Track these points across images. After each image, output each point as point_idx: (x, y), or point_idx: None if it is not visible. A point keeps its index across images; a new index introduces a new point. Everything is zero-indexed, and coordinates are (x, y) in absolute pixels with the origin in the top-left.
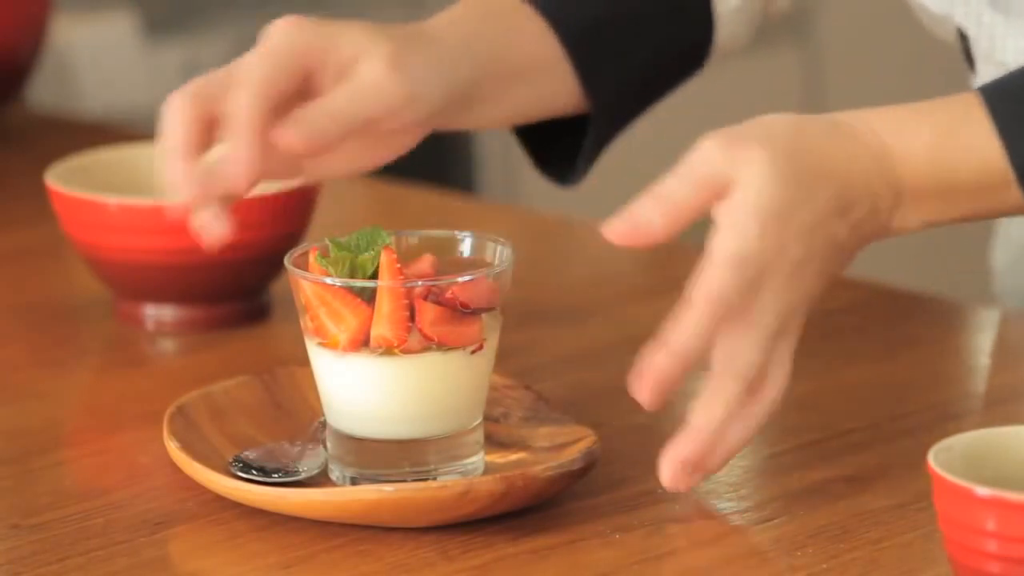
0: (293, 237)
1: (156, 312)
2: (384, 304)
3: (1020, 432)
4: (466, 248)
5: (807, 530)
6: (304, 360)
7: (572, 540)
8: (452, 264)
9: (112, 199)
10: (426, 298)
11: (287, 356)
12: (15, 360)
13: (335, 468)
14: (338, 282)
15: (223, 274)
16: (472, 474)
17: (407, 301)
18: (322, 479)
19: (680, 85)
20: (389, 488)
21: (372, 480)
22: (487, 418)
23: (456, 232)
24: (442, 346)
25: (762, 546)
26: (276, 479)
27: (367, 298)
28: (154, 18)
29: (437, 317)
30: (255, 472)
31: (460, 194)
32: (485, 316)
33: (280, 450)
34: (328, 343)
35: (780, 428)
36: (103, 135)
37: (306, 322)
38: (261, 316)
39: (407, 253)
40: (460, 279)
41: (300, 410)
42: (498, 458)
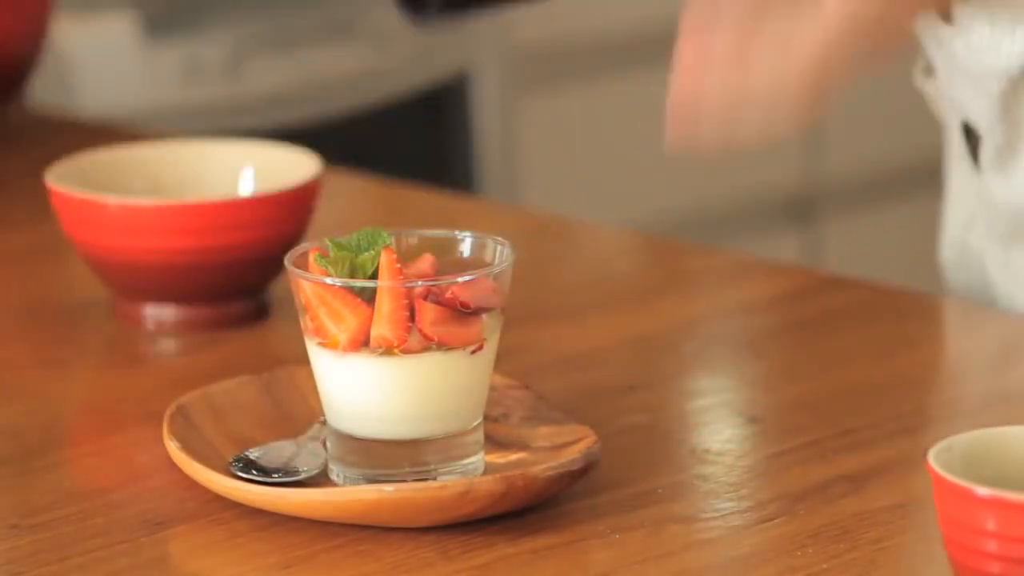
0: (293, 237)
1: (156, 312)
2: (384, 304)
3: (1020, 432)
4: (466, 248)
5: (807, 530)
6: (304, 360)
7: (572, 540)
8: (452, 264)
9: (112, 199)
10: (426, 298)
11: (287, 356)
12: (15, 360)
13: (335, 468)
14: (338, 282)
15: (223, 274)
16: (472, 474)
17: (407, 301)
18: (322, 479)
19: None
20: (389, 488)
21: (372, 480)
22: (487, 418)
23: (456, 232)
24: (442, 346)
25: (762, 546)
26: (276, 479)
27: (367, 298)
28: (154, 18)
29: (437, 317)
30: (255, 472)
31: (460, 194)
32: (485, 316)
33: (280, 450)
34: (328, 343)
35: (780, 428)
36: (103, 135)
37: (306, 322)
38: (261, 316)
39: (407, 253)
40: (460, 279)
41: (300, 410)
42: (498, 458)
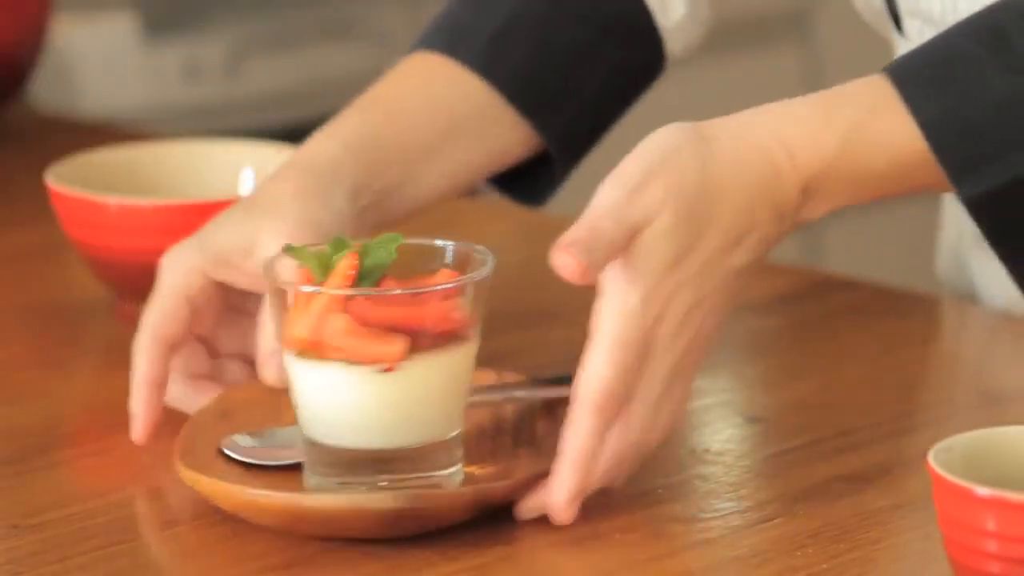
0: None
1: None
2: (298, 307)
3: (1020, 432)
4: (448, 260)
5: (807, 530)
6: None
7: (572, 540)
8: (429, 277)
9: (112, 199)
10: (345, 309)
11: None
12: (16, 360)
13: (309, 475)
14: (295, 286)
15: None
16: (448, 485)
17: (321, 307)
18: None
19: (638, 99)
20: (342, 497)
21: (343, 491)
22: (477, 424)
23: (438, 241)
24: (350, 360)
25: (762, 546)
26: (249, 460)
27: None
28: (154, 18)
29: (344, 329)
30: (238, 453)
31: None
32: (435, 337)
33: (273, 436)
34: (288, 347)
35: (780, 428)
36: (103, 135)
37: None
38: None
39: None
40: (369, 293)
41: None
42: (476, 470)
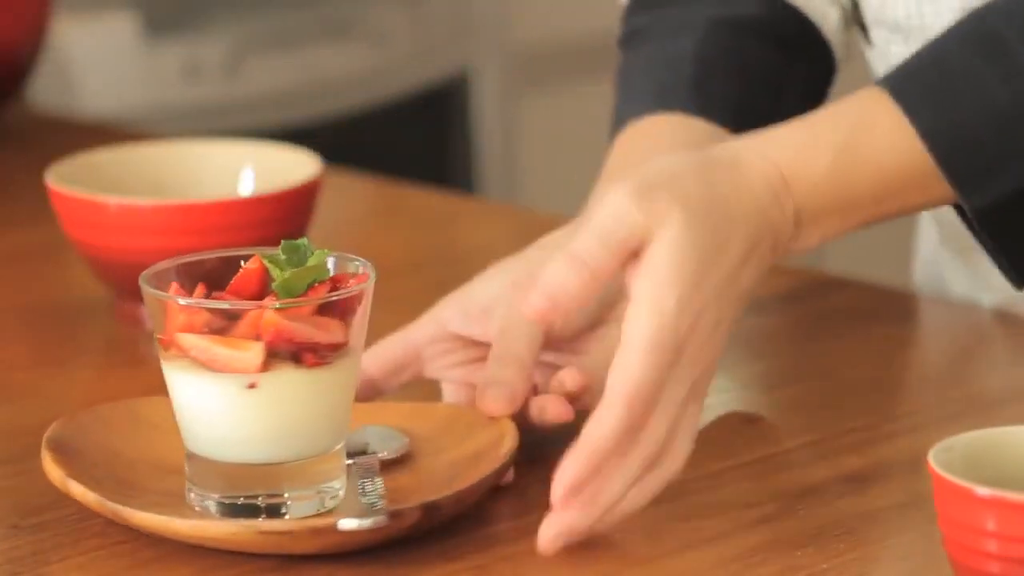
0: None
1: None
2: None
3: (1020, 432)
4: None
5: (807, 530)
6: None
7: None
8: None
9: (112, 199)
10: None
11: None
12: (16, 360)
13: (191, 490)
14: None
15: None
16: (330, 500)
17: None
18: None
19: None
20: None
21: (225, 505)
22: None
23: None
24: (211, 369)
25: (762, 546)
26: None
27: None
28: (154, 18)
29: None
30: None
31: (460, 194)
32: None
33: None
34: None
35: (780, 428)
36: (103, 135)
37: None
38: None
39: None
40: (214, 305)
41: None
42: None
